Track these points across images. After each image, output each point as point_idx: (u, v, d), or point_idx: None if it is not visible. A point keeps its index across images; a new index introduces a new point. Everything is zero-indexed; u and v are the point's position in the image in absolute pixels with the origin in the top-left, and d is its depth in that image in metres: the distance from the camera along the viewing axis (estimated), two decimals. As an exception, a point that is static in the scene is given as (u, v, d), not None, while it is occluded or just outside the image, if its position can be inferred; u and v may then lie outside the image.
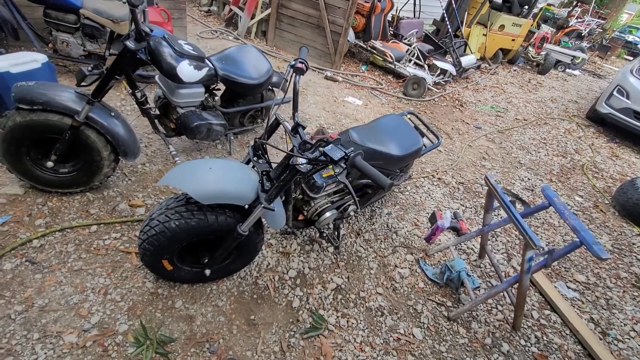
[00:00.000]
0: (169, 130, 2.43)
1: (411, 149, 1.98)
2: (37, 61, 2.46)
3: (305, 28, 5.08)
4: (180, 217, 1.40)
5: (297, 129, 1.40)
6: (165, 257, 1.52)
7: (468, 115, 4.93)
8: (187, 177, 1.34)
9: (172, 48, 1.93)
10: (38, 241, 1.80)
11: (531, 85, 7.18)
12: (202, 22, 5.51)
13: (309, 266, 2.06)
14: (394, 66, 5.30)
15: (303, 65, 1.48)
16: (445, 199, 3.02)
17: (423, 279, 2.18)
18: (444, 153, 3.76)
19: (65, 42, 2.96)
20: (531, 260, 1.60)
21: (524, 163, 3.97)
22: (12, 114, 1.73)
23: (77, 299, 1.61)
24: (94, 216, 2.02)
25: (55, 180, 1.99)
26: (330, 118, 3.84)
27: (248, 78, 2.42)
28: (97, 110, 1.85)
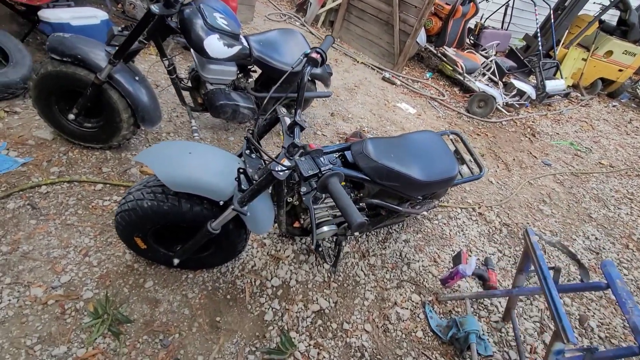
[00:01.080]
0: (197, 105, 2.38)
1: (440, 176, 1.65)
2: (97, 17, 2.57)
3: (373, 23, 4.78)
4: (153, 198, 1.30)
5: (293, 127, 1.20)
6: (137, 235, 1.44)
7: (538, 148, 4.26)
8: (162, 158, 1.23)
9: (204, 19, 1.84)
10: (46, 187, 1.86)
11: (631, 127, 6.02)
12: (274, 3, 5.50)
13: (296, 279, 1.87)
14: (463, 78, 4.77)
15: (318, 56, 1.26)
16: (481, 239, 2.59)
17: (423, 328, 1.86)
18: (495, 185, 3.26)
19: (132, 4, 3.08)
20: (560, 354, 1.22)
21: (595, 218, 3.29)
22: (45, 63, 1.78)
23: (58, 254, 1.61)
24: (104, 174, 2.04)
25: (77, 132, 2.04)
26: (374, 122, 3.55)
27: (284, 64, 2.26)
28: (122, 72, 1.83)
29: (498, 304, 2.12)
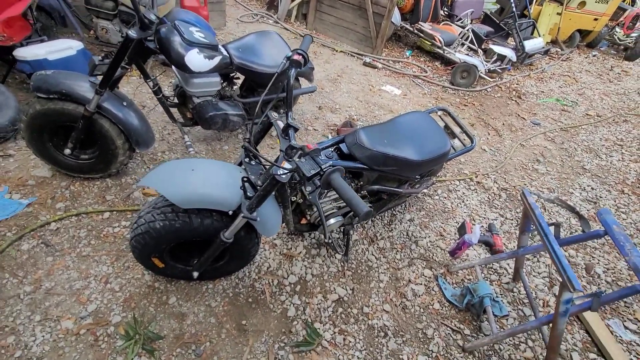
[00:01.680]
0: (186, 120, 2.41)
1: (434, 154, 1.71)
2: (72, 48, 2.57)
3: (346, 10, 4.78)
4: (164, 218, 1.35)
5: (287, 130, 1.24)
6: (154, 255, 1.49)
7: (526, 109, 4.32)
8: (166, 178, 1.27)
9: (181, 36, 1.86)
10: (55, 224, 1.90)
11: (613, 74, 6.10)
12: (243, 5, 5.46)
13: (312, 272, 1.94)
14: (443, 51, 4.80)
15: (300, 57, 1.30)
16: (482, 207, 2.66)
17: (439, 300, 1.94)
18: (488, 153, 3.33)
19: (104, 29, 3.07)
20: (569, 303, 1.30)
21: (588, 169, 3.38)
22: (32, 103, 1.80)
23: (80, 285, 1.66)
24: (109, 202, 2.08)
25: (75, 165, 2.07)
26: (362, 109, 3.58)
27: (265, 67, 2.29)
28: (110, 100, 1.85)
29: (507, 266, 2.20)
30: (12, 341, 1.43)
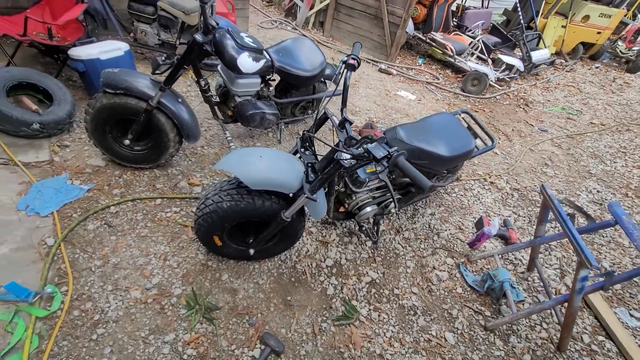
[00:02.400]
0: (226, 117, 2.61)
1: (461, 151, 1.91)
2: (120, 49, 2.77)
3: (362, 19, 5.02)
4: (231, 199, 1.54)
5: (344, 124, 1.44)
6: (216, 234, 1.68)
7: (533, 116, 4.54)
8: (239, 163, 1.46)
9: (235, 40, 2.07)
10: (114, 208, 2.09)
11: (615, 86, 6.34)
12: (263, 12, 5.71)
13: (345, 257, 2.12)
14: (454, 60, 5.04)
15: (355, 62, 1.51)
16: (496, 204, 2.86)
17: (462, 285, 2.13)
18: (500, 156, 3.53)
19: (144, 32, 3.29)
20: (585, 280, 1.48)
21: (594, 173, 3.58)
22: (99, 97, 2.00)
23: (142, 261, 1.85)
24: (159, 190, 2.27)
25: (130, 156, 2.27)
26: (380, 112, 3.80)
27: (302, 70, 2.50)
28: (167, 97, 2.05)
29: (521, 257, 2.39)
30: (90, 306, 1.61)
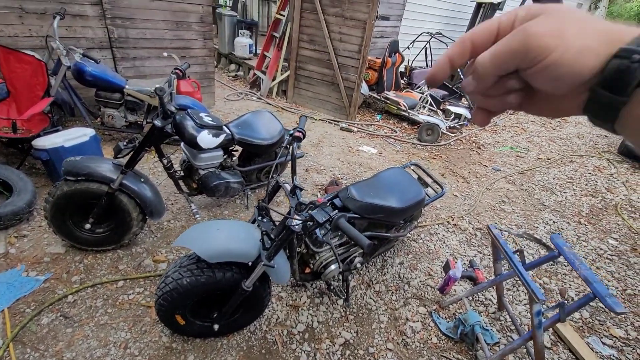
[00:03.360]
0: (192, 190, 2.68)
1: (412, 201, 2.05)
2: (86, 135, 2.88)
3: (321, 85, 5.51)
4: (191, 275, 1.55)
5: (295, 190, 1.55)
6: (178, 312, 1.64)
7: (486, 158, 4.92)
8: (197, 238, 1.51)
9: (194, 121, 2.23)
10: (72, 296, 2.00)
11: (555, 123, 7.06)
12: (229, 86, 6.15)
13: (317, 320, 2.09)
14: (408, 114, 5.51)
15: (300, 134, 1.67)
16: (462, 246, 2.96)
17: (436, 334, 2.11)
18: (460, 198, 3.74)
19: (111, 116, 3.45)
20: (540, 315, 1.54)
21: (548, 205, 3.83)
22: (60, 185, 2.04)
23: (101, 353, 1.74)
24: (121, 272, 2.22)
25: (91, 239, 2.24)
26: (345, 168, 4.00)
27: (261, 139, 2.68)
28: (129, 178, 2.12)
29: (491, 297, 2.43)
30: (38, 414, 1.47)
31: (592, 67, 0.27)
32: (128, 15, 3.73)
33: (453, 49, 0.34)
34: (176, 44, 4.23)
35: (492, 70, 0.31)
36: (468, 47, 0.33)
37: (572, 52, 0.27)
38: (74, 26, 3.46)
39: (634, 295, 2.67)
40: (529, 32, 0.28)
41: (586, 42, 0.27)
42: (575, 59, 0.27)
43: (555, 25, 0.28)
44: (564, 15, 0.29)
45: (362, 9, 4.70)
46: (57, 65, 3.06)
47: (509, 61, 0.30)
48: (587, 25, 0.28)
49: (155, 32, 4.00)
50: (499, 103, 0.35)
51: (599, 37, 0.27)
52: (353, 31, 4.89)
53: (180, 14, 4.08)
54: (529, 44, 0.28)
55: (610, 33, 0.28)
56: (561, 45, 0.27)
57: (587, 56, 0.27)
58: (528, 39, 0.28)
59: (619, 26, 0.28)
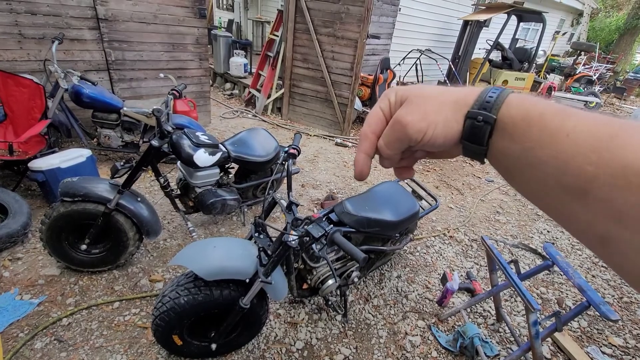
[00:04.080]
0: (188, 208, 2.69)
1: (407, 214, 2.08)
2: (82, 156, 2.90)
3: (315, 102, 5.61)
4: (188, 294, 1.54)
5: (290, 206, 1.58)
6: (175, 333, 1.63)
7: (479, 169, 4.99)
8: (193, 256, 1.51)
9: (190, 140, 2.27)
10: (67, 319, 1.97)
11: (544, 134, 7.19)
12: (225, 104, 6.24)
13: (316, 336, 2.07)
14: (401, 128, 5.61)
15: (295, 151, 1.71)
16: (458, 258, 2.98)
17: (436, 347, 2.10)
18: (455, 210, 3.78)
19: (108, 136, 3.48)
20: (537, 325, 1.55)
21: (541, 214, 3.88)
22: (56, 206, 2.05)
23: (95, 377, 1.71)
24: (117, 292, 2.19)
25: (87, 260, 2.23)
26: (340, 183, 4.04)
27: (257, 156, 2.71)
28: (126, 197, 2.14)
29: (489, 308, 2.43)
30: None
31: (457, 131, 0.35)
32: (125, 39, 3.82)
33: (364, 145, 0.41)
34: (172, 65, 4.32)
35: (393, 153, 0.39)
36: (373, 139, 0.40)
37: (440, 127, 0.35)
38: (72, 50, 3.54)
39: (630, 303, 2.68)
40: (404, 122, 0.36)
41: (445, 115, 0.35)
42: (443, 131, 0.35)
43: (420, 110, 0.36)
44: (423, 100, 0.36)
45: (353, 28, 4.86)
46: (54, 88, 3.11)
47: (401, 145, 0.38)
48: (441, 100, 0.36)
49: (152, 54, 4.10)
50: (412, 160, 0.43)
51: (452, 107, 0.35)
52: (345, 50, 5.04)
53: (176, 36, 4.19)
54: (407, 132, 0.36)
55: (459, 102, 0.35)
56: (430, 125, 0.35)
57: (450, 125, 0.35)
58: (405, 128, 0.36)
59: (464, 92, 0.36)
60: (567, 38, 16.26)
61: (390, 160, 0.40)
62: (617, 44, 16.77)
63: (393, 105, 0.39)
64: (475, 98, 0.34)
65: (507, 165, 0.34)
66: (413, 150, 0.41)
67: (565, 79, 11.18)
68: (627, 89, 12.97)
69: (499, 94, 0.34)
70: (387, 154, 0.39)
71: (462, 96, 0.35)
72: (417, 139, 0.36)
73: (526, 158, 0.31)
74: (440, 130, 0.35)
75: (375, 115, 0.40)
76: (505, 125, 0.32)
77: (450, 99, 0.36)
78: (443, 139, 0.35)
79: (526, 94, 0.33)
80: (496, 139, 0.33)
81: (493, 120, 0.33)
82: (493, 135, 0.33)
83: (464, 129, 0.34)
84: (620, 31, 17.07)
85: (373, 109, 0.41)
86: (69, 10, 3.39)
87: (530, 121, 0.31)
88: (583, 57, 12.49)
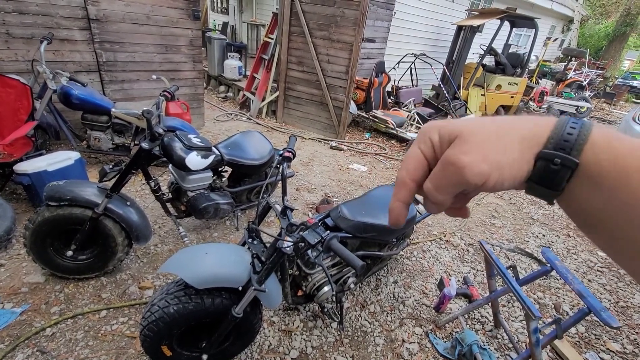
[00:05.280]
0: (180, 212, 2.62)
1: (404, 219, 2.04)
2: (70, 158, 2.82)
3: (310, 105, 5.58)
4: (178, 302, 1.48)
5: (285, 211, 1.52)
6: (164, 343, 1.56)
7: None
8: (184, 263, 1.45)
9: (182, 142, 2.21)
10: (51, 329, 1.89)
11: (537, 138, 7.26)
12: (219, 107, 6.18)
13: (311, 345, 2.01)
14: (396, 132, 5.60)
15: (290, 154, 1.67)
16: (455, 262, 2.94)
17: (434, 355, 2.06)
18: (451, 213, 3.75)
19: (97, 139, 3.40)
20: (537, 332, 1.52)
21: (536, 219, 3.88)
22: (41, 211, 1.97)
23: (79, 391, 1.62)
24: (105, 300, 2.11)
25: (73, 267, 2.15)
26: (335, 186, 4.00)
27: (251, 160, 2.66)
28: (115, 201, 2.06)
29: (487, 314, 2.40)
30: None
31: (526, 171, 0.30)
32: (117, 40, 3.75)
33: (401, 193, 0.36)
34: (165, 66, 4.26)
35: (445, 199, 0.33)
36: (412, 186, 0.35)
37: (506, 170, 0.30)
38: (61, 50, 3.46)
39: (627, 307, 2.67)
40: (460, 164, 0.30)
41: (512, 155, 0.30)
42: (510, 174, 0.30)
43: (479, 149, 0.30)
44: (482, 136, 0.31)
45: (348, 32, 4.85)
46: (42, 89, 3.03)
47: (455, 190, 0.32)
48: (505, 136, 0.30)
49: (145, 55, 4.03)
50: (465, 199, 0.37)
51: (520, 145, 0.30)
52: (340, 53, 5.03)
53: (170, 37, 4.13)
54: (466, 176, 0.30)
55: (528, 138, 0.30)
56: (494, 168, 0.29)
57: (518, 167, 0.30)
58: (462, 171, 0.30)
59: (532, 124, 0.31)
60: (558, 44, 16.54)
61: (441, 205, 0.35)
62: (606, 50, 17.12)
63: (438, 145, 0.33)
64: (549, 133, 0.29)
65: (586, 216, 0.29)
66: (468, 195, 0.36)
67: (556, 84, 11.33)
68: (617, 95, 13.20)
69: (579, 129, 0.28)
70: (438, 199, 0.33)
71: (532, 130, 0.30)
72: (477, 183, 0.30)
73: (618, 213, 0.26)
74: (506, 173, 0.30)
75: (414, 157, 0.35)
76: (590, 172, 0.27)
77: (517, 135, 0.30)
78: (509, 183, 0.30)
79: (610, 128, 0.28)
80: (576, 185, 0.28)
81: (575, 164, 0.27)
82: (572, 180, 0.28)
83: (534, 170, 0.30)
84: (609, 38, 17.44)
85: (411, 149, 0.35)
86: (59, 10, 3.32)
87: (626, 171, 0.26)
88: (574, 62, 12.70)
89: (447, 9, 8.61)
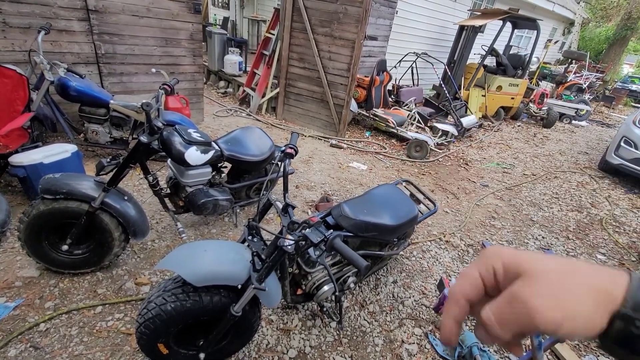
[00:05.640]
0: (178, 208, 2.59)
1: (406, 218, 2.01)
2: (67, 151, 2.77)
3: (310, 102, 5.54)
4: (176, 299, 1.45)
5: (287, 209, 1.49)
6: (161, 341, 1.53)
7: (474, 174, 4.98)
8: (182, 260, 1.42)
9: (182, 137, 2.17)
10: (44, 325, 1.85)
11: (537, 140, 7.26)
12: (218, 102, 6.12)
13: (310, 344, 1.99)
14: (397, 131, 5.57)
15: (292, 150, 1.63)
16: (454, 263, 2.93)
17: (433, 356, 2.04)
18: (450, 214, 3.74)
19: (95, 132, 3.35)
20: (539, 336, 1.50)
21: (536, 220, 3.87)
22: (36, 204, 1.92)
23: (73, 388, 1.59)
24: (100, 296, 2.08)
25: (68, 261, 2.11)
26: (335, 184, 3.97)
27: (251, 156, 2.62)
28: (112, 196, 2.02)
29: (487, 316, 2.38)
30: None
31: (599, 326, 0.29)
32: (116, 31, 3.69)
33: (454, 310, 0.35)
34: (165, 60, 4.20)
35: (506, 336, 0.31)
36: (465, 306, 0.35)
37: (581, 322, 0.28)
38: (59, 41, 3.40)
39: (626, 311, 2.66)
40: (532, 307, 0.29)
41: (587, 307, 0.29)
42: (584, 326, 0.28)
43: (552, 294, 0.29)
44: (551, 279, 0.30)
45: (350, 29, 4.81)
46: (39, 80, 2.97)
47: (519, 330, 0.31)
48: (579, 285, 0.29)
49: (144, 48, 3.97)
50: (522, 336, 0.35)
51: (595, 299, 0.29)
52: (342, 50, 4.98)
53: (170, 31, 4.08)
54: (535, 321, 0.29)
55: (602, 292, 0.29)
56: (567, 318, 0.28)
57: (591, 320, 0.28)
58: (533, 314, 0.29)
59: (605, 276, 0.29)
60: (558, 46, 16.55)
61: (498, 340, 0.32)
62: (606, 54, 17.15)
63: (502, 276, 0.33)
64: (623, 293, 0.28)
65: None
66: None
67: (556, 86, 11.34)
68: (616, 98, 13.22)
69: None
70: (497, 333, 0.31)
71: (606, 285, 0.29)
72: (546, 329, 0.29)
73: None
74: (580, 325, 0.28)
75: (471, 278, 0.34)
76: None
77: (590, 285, 0.29)
78: (580, 335, 0.29)
79: None
80: None
81: None
82: None
83: (610, 330, 0.28)
84: (609, 41, 17.45)
85: (469, 269, 0.35)
86: (57, 0, 3.25)
87: None
88: (574, 65, 12.71)
89: (450, 8, 8.57)
